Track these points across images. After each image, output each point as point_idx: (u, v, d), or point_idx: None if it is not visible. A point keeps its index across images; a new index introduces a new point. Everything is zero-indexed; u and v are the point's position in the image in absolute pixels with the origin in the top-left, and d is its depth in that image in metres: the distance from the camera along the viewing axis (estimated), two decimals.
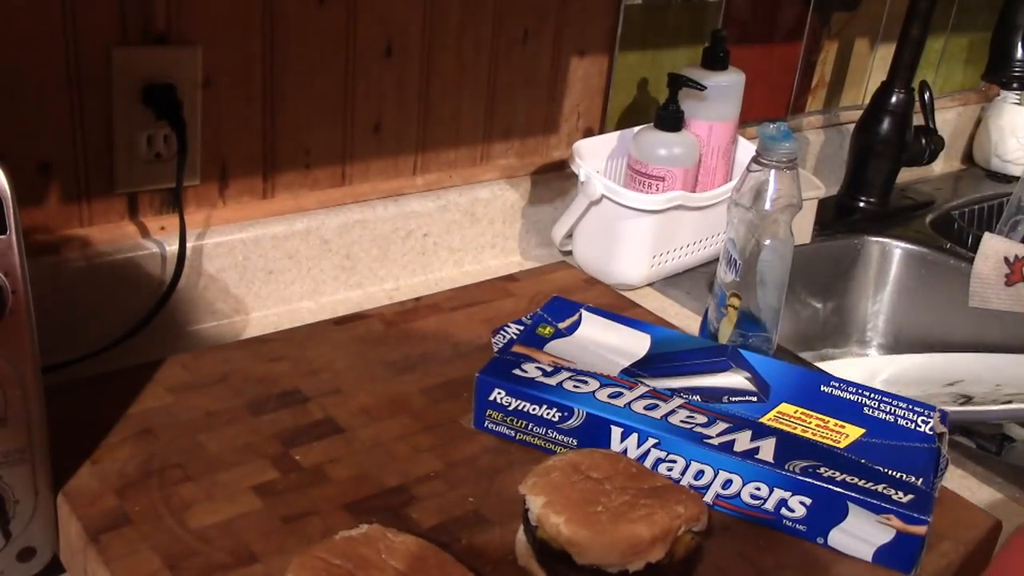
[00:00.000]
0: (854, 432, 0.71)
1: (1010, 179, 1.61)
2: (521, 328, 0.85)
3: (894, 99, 1.35)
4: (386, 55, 0.98)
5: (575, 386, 0.74)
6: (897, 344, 1.32)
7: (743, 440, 0.69)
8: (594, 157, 1.13)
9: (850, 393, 0.76)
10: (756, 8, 1.30)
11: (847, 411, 0.74)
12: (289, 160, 0.96)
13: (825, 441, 0.70)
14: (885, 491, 0.65)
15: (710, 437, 0.69)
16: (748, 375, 0.77)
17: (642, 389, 0.74)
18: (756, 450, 0.68)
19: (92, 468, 0.69)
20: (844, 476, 0.66)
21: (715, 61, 1.12)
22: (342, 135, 0.99)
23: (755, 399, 0.74)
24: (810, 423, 0.72)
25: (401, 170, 1.05)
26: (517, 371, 0.76)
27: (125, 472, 0.69)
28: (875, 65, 1.50)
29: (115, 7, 0.82)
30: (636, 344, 0.81)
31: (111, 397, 0.76)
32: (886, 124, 1.36)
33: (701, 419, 0.71)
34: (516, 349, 0.79)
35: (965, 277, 1.26)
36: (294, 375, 0.82)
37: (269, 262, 0.96)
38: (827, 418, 0.73)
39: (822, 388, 0.77)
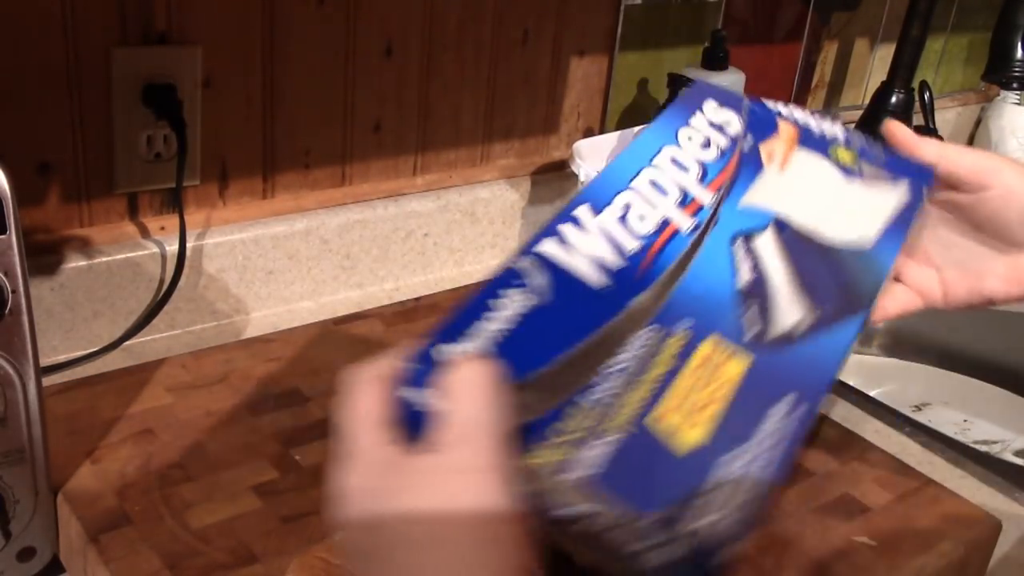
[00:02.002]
0: None
1: None
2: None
3: (894, 99, 1.35)
4: (386, 55, 0.98)
5: None
6: (897, 344, 1.32)
7: None
8: (594, 157, 1.13)
9: None
10: (756, 8, 1.30)
11: None
12: (289, 160, 0.96)
13: None
14: None
15: None
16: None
17: None
18: None
19: (92, 468, 0.69)
20: None
21: (715, 61, 1.12)
22: (342, 135, 0.99)
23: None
24: None
25: (401, 170, 1.05)
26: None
27: (125, 472, 0.69)
28: (875, 65, 1.50)
29: (115, 7, 0.82)
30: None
31: (111, 397, 0.76)
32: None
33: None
34: None
35: None
36: (294, 375, 0.82)
37: (269, 262, 0.96)
38: None
39: None
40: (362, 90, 0.98)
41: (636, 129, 1.12)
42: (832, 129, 0.60)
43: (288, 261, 0.97)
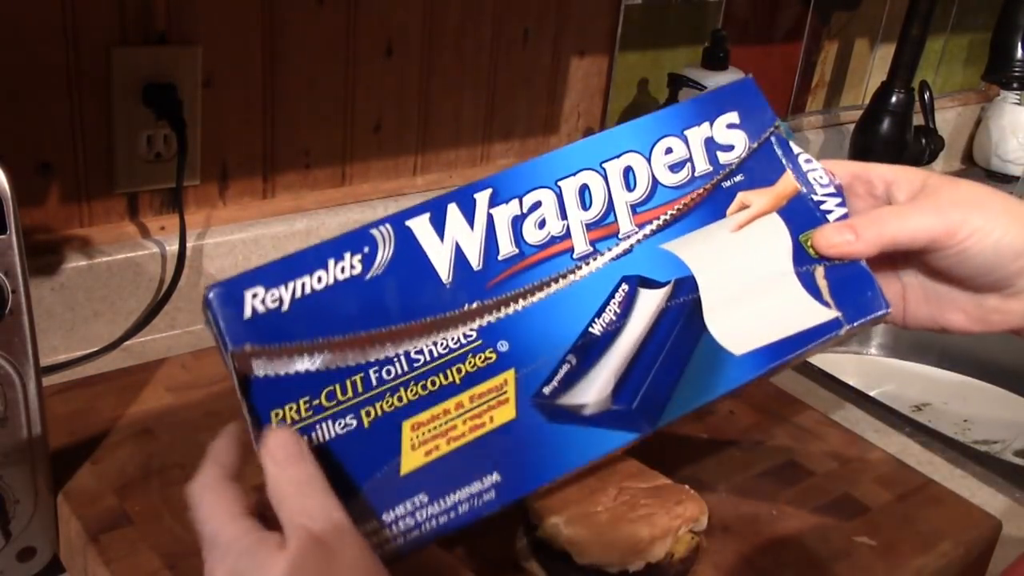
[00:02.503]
0: None
1: (1010, 179, 1.61)
2: None
3: (894, 99, 1.35)
4: (386, 55, 0.98)
5: None
6: (897, 344, 1.32)
7: None
8: None
9: None
10: (756, 8, 1.30)
11: None
12: (289, 160, 0.96)
13: None
14: None
15: None
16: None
17: None
18: None
19: (92, 468, 0.69)
20: None
21: (715, 61, 1.12)
22: (342, 135, 0.99)
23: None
24: None
25: (401, 170, 1.05)
26: None
27: (125, 472, 0.69)
28: (875, 65, 1.50)
29: (115, 7, 0.82)
30: None
31: (111, 397, 0.76)
32: (886, 124, 1.36)
33: None
34: None
35: None
36: None
37: None
38: None
39: None
40: (362, 90, 0.98)
41: None
42: (830, 210, 0.54)
43: None
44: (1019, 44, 1.28)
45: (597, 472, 0.65)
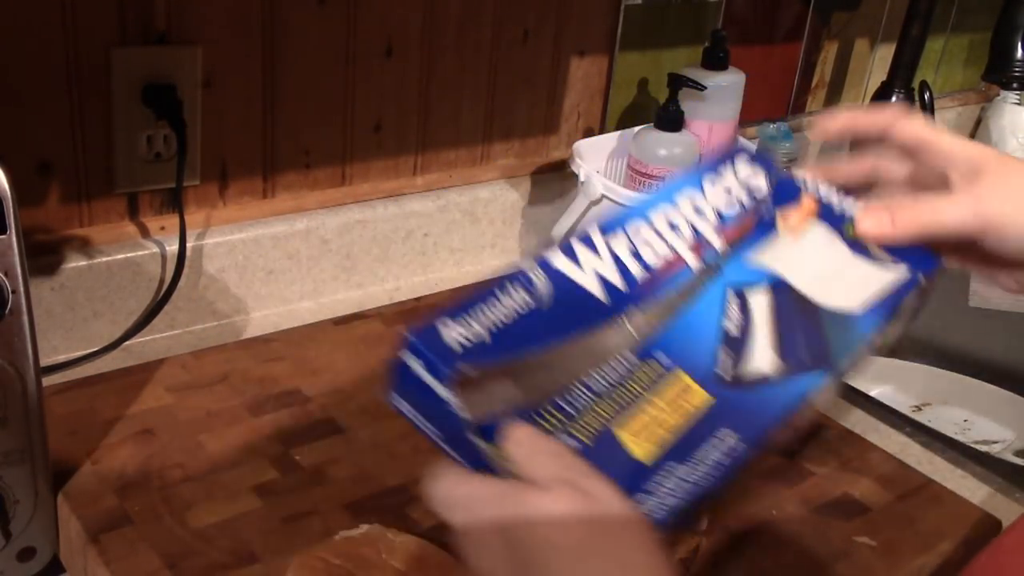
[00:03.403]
0: None
1: None
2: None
3: (894, 99, 1.35)
4: (386, 55, 0.98)
5: None
6: (897, 344, 1.32)
7: None
8: (594, 157, 1.13)
9: None
10: (756, 8, 1.30)
11: None
12: (289, 160, 0.96)
13: None
14: None
15: None
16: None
17: None
18: None
19: (92, 468, 0.69)
20: None
21: (715, 61, 1.12)
22: (342, 135, 0.99)
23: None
24: None
25: (401, 170, 1.05)
26: None
27: (125, 472, 0.69)
28: (875, 65, 1.50)
29: (115, 7, 0.82)
30: None
31: (111, 397, 0.76)
32: None
33: None
34: None
35: (965, 277, 1.26)
36: (294, 375, 0.82)
37: (269, 262, 0.96)
38: None
39: None
40: (362, 90, 0.98)
41: (636, 129, 1.12)
42: (851, 207, 0.62)
43: (288, 261, 0.97)
44: (1019, 44, 1.28)
45: None
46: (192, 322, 0.93)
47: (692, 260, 0.56)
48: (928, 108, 1.41)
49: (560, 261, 0.53)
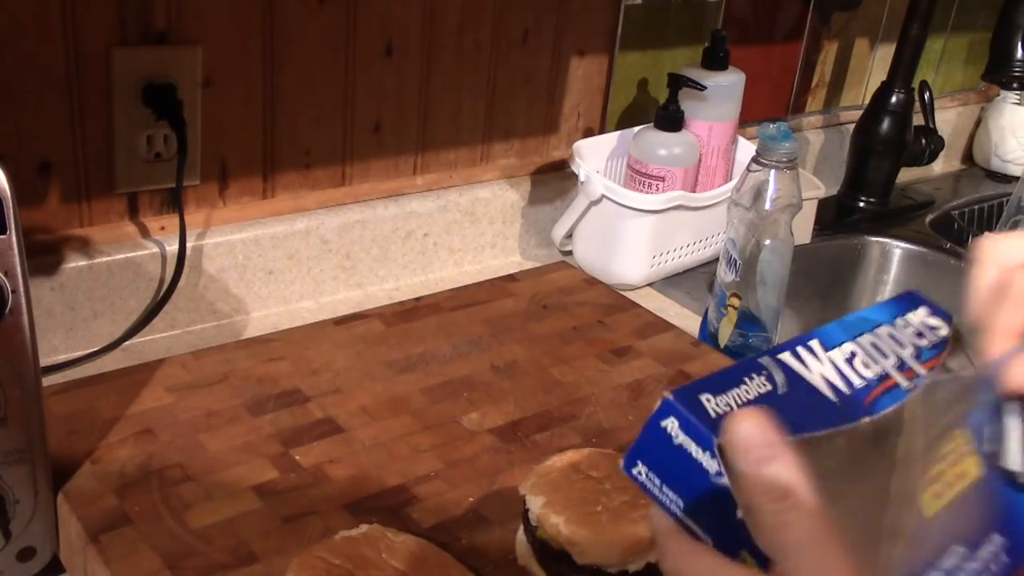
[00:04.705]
0: None
1: (1010, 179, 1.60)
2: None
3: (894, 99, 1.35)
4: (386, 55, 0.98)
5: None
6: None
7: None
8: (594, 157, 1.13)
9: None
10: (756, 8, 1.30)
11: None
12: (289, 160, 0.97)
13: None
14: None
15: None
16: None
17: None
18: None
19: (92, 468, 0.69)
20: None
21: (715, 61, 1.12)
22: (342, 135, 0.99)
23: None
24: None
25: (401, 170, 1.05)
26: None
27: (125, 472, 0.69)
28: (875, 65, 1.50)
29: (115, 7, 0.82)
30: None
31: (111, 397, 0.76)
32: (886, 124, 1.36)
33: None
34: None
35: (965, 277, 1.26)
36: (294, 375, 0.82)
37: (269, 262, 0.96)
38: None
39: None
40: (362, 90, 0.98)
41: (636, 129, 1.12)
42: None
43: (288, 261, 0.97)
44: (1019, 44, 1.28)
45: (597, 472, 0.65)
46: (192, 322, 0.93)
47: (904, 381, 0.56)
48: (928, 108, 1.41)
49: (790, 359, 0.53)
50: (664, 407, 0.46)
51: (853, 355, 0.56)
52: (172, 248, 0.89)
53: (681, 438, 0.46)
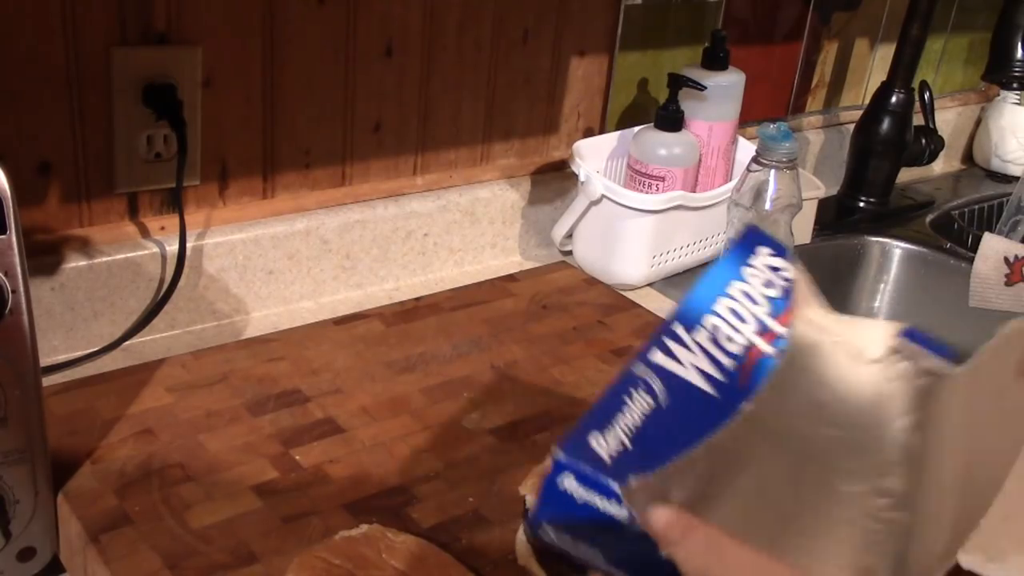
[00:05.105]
0: None
1: (1010, 179, 1.61)
2: None
3: (894, 99, 1.35)
4: (386, 55, 0.98)
5: None
6: None
7: None
8: (594, 157, 1.13)
9: None
10: (756, 8, 1.30)
11: None
12: (289, 160, 0.97)
13: None
14: None
15: None
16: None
17: None
18: None
19: (92, 468, 0.69)
20: None
21: (715, 61, 1.12)
22: (342, 135, 0.99)
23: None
24: None
25: (401, 170, 1.05)
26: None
27: (125, 472, 0.69)
28: (875, 65, 1.50)
29: (115, 7, 0.82)
30: None
31: (111, 397, 0.76)
32: (886, 124, 1.36)
33: None
34: None
35: (965, 277, 1.26)
36: (294, 375, 0.82)
37: (269, 262, 0.96)
38: None
39: None
40: (362, 90, 0.98)
41: (636, 129, 1.12)
42: None
43: (288, 261, 0.97)
44: (1019, 44, 1.28)
45: None
46: (192, 322, 0.93)
47: (767, 347, 0.55)
48: (928, 108, 1.42)
49: (662, 360, 0.52)
50: (557, 466, 0.45)
51: (716, 330, 0.55)
52: (172, 248, 0.89)
53: (583, 493, 0.45)
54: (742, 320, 0.57)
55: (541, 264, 1.10)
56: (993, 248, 1.25)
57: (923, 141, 1.40)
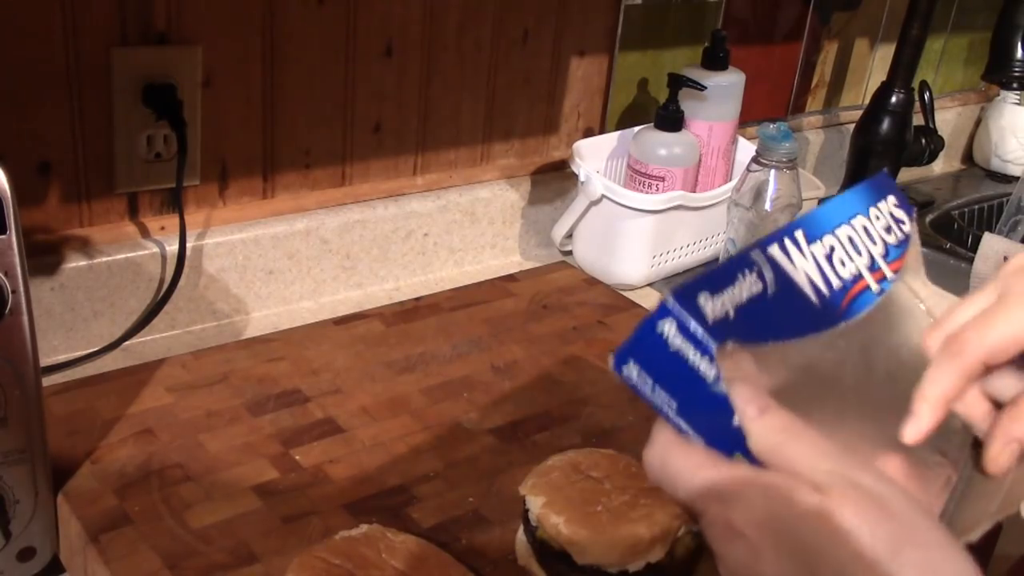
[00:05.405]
0: None
1: (1010, 179, 1.60)
2: None
3: (894, 99, 1.35)
4: (386, 55, 0.98)
5: None
6: None
7: None
8: (594, 157, 1.13)
9: None
10: (756, 8, 1.30)
11: None
12: (289, 160, 0.97)
13: None
14: None
15: None
16: None
17: None
18: None
19: (92, 468, 0.69)
20: None
21: (715, 61, 1.12)
22: (342, 135, 0.99)
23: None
24: None
25: (401, 170, 1.05)
26: None
27: (125, 472, 0.69)
28: (875, 65, 1.50)
29: (115, 7, 0.82)
30: None
31: (111, 397, 0.76)
32: (886, 124, 1.36)
33: None
34: None
35: (965, 277, 1.26)
36: (294, 375, 0.82)
37: (269, 262, 0.96)
38: None
39: None
40: (362, 90, 0.98)
41: (636, 129, 1.12)
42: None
43: (288, 261, 0.97)
44: (1019, 44, 1.28)
45: (597, 472, 0.65)
46: (192, 322, 0.93)
47: (874, 284, 0.57)
48: (928, 108, 1.41)
49: (777, 254, 0.53)
50: (663, 310, 0.45)
51: (832, 250, 0.56)
52: (172, 248, 0.89)
53: (679, 342, 0.45)
54: (857, 251, 0.58)
55: (541, 264, 1.10)
56: (993, 248, 1.25)
57: (923, 141, 1.40)
